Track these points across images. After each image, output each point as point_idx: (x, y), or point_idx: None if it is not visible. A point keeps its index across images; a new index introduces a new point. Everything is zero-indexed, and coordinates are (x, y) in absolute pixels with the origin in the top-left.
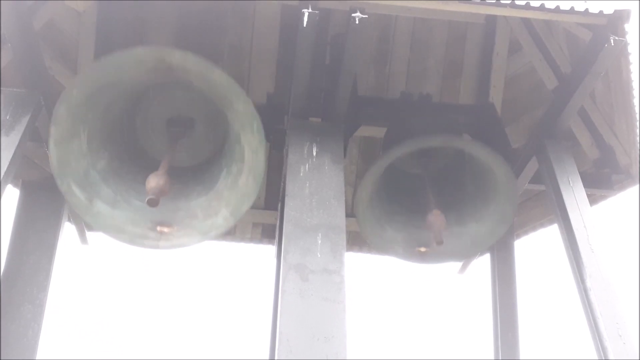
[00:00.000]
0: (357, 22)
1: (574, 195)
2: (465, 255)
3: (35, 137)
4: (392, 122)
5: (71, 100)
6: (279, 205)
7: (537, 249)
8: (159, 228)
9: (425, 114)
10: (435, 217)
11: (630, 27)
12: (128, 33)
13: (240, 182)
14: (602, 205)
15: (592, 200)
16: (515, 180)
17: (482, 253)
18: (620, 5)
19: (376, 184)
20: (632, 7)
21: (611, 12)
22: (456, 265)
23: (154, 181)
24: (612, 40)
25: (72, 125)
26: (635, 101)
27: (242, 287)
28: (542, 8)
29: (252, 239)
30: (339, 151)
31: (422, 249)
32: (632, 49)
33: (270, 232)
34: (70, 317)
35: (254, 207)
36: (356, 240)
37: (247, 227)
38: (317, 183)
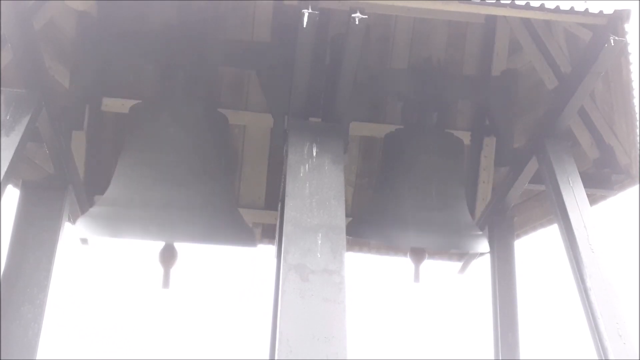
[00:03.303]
0: (357, 22)
1: (574, 195)
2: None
3: (35, 137)
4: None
5: None
6: (279, 205)
7: (537, 249)
8: None
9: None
10: (414, 255)
11: (630, 27)
12: (128, 33)
13: None
14: (602, 205)
15: (592, 200)
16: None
17: (482, 253)
18: (620, 5)
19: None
20: (632, 7)
21: (611, 12)
22: (456, 265)
23: None
24: (612, 40)
25: None
26: (635, 101)
27: (242, 287)
28: (542, 8)
29: None
30: (339, 151)
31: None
32: (632, 49)
33: (270, 232)
34: (70, 317)
35: (254, 207)
36: (356, 240)
37: None
38: (317, 183)
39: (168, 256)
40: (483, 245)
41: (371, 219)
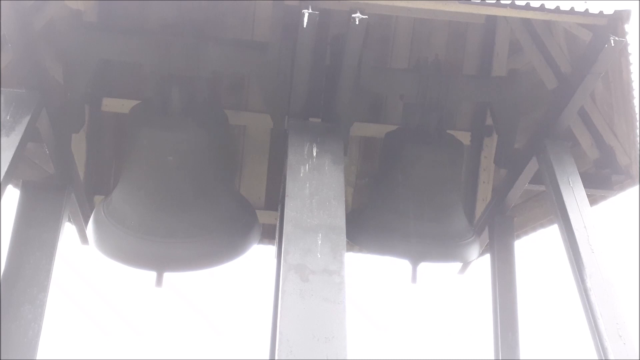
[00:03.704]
0: (357, 22)
1: (574, 195)
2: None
3: (35, 137)
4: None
5: None
6: (279, 205)
7: (537, 249)
8: None
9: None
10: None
11: (630, 28)
12: (128, 33)
13: None
14: (602, 205)
15: (592, 200)
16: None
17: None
18: (620, 6)
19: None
20: (632, 7)
21: (611, 12)
22: (456, 265)
23: None
24: (612, 41)
25: None
26: (635, 101)
27: (242, 287)
28: (542, 8)
29: None
30: (339, 151)
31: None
32: (632, 49)
33: (270, 233)
34: (70, 317)
35: (254, 207)
36: None
37: None
38: (317, 183)
39: None
40: (473, 253)
41: (365, 225)
